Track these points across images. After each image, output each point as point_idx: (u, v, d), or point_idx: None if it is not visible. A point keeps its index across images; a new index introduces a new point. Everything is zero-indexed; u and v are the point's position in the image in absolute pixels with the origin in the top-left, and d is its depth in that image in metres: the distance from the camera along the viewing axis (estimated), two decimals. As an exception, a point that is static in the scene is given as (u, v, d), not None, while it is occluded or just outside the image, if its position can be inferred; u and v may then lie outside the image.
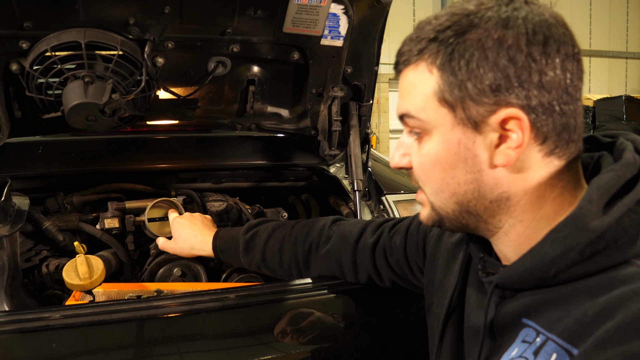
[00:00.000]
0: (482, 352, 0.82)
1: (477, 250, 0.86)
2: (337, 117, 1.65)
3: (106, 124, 1.35)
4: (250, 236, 1.37)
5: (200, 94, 1.60)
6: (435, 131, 0.75)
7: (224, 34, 1.40)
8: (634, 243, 0.68)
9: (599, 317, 0.64)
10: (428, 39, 0.74)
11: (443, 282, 0.97)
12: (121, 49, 1.31)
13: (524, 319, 0.75)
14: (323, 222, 1.34)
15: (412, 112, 0.76)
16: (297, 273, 1.34)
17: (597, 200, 0.69)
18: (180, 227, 1.46)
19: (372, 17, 1.48)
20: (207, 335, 1.17)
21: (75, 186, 1.71)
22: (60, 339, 1.08)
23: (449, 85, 0.73)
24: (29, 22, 1.25)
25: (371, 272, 1.22)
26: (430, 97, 0.74)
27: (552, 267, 0.70)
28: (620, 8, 11.53)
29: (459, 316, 0.92)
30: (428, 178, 0.78)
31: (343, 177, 1.79)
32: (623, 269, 0.67)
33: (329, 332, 1.25)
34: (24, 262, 1.56)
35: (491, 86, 0.70)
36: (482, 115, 0.72)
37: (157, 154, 1.81)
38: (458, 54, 0.72)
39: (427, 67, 0.74)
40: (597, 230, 0.68)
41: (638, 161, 0.73)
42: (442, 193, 0.78)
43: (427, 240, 1.09)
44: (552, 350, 0.68)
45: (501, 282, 0.78)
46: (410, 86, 0.77)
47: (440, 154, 0.76)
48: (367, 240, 1.22)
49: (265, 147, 1.88)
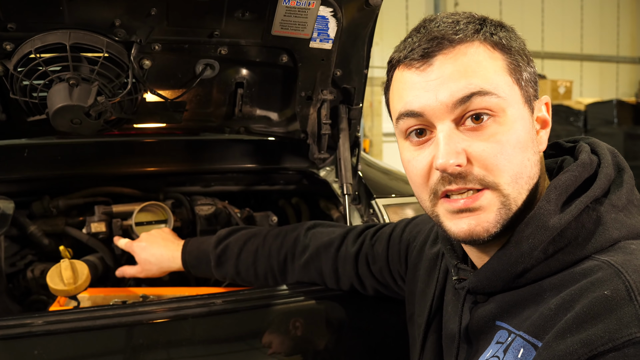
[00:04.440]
0: (458, 357, 0.83)
1: (450, 258, 0.87)
2: (327, 121, 1.64)
3: (92, 127, 1.33)
4: (221, 250, 1.34)
5: (188, 97, 1.58)
6: (510, 109, 0.73)
7: (212, 36, 1.39)
8: (594, 239, 0.71)
9: (560, 309, 0.67)
10: (478, 21, 0.76)
11: (425, 291, 0.98)
12: (107, 51, 1.29)
13: (498, 322, 0.77)
14: (297, 231, 1.32)
15: (489, 88, 0.72)
16: (274, 284, 1.32)
17: (555, 200, 0.72)
18: (142, 250, 1.41)
19: (362, 20, 1.47)
20: (193, 341, 1.16)
21: (62, 190, 1.69)
22: (42, 346, 1.06)
23: (515, 64, 0.75)
24: (12, 24, 1.23)
25: (354, 280, 1.20)
26: (504, 74, 0.74)
27: (518, 266, 0.72)
28: (611, 12, 11.60)
29: (438, 324, 0.93)
30: (510, 163, 0.72)
31: (333, 181, 1.78)
32: (584, 264, 0.70)
33: (318, 337, 1.24)
34: (9, 267, 1.54)
35: (531, 77, 0.77)
36: (534, 97, 0.77)
37: (145, 157, 1.79)
38: (511, 39, 0.76)
39: (491, 45, 0.74)
40: (557, 227, 0.70)
41: (594, 161, 0.77)
42: (520, 179, 0.73)
43: (409, 250, 1.09)
44: (520, 345, 0.70)
45: (472, 286, 0.79)
46: (476, 64, 0.72)
47: (519, 132, 0.73)
48: (349, 249, 1.20)
49: (254, 150, 1.86)
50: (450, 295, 0.90)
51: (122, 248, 1.48)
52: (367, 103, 8.75)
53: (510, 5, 10.31)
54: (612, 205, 0.73)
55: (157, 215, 1.63)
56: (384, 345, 1.25)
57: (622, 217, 0.73)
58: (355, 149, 1.71)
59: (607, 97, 9.73)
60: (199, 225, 1.69)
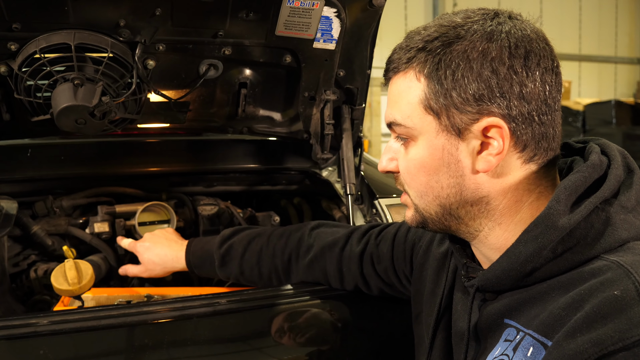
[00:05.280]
0: (467, 355, 0.84)
1: (460, 256, 0.88)
2: (330, 121, 1.64)
3: (96, 127, 1.33)
4: (225, 250, 1.33)
5: (192, 97, 1.58)
6: (420, 137, 0.80)
7: (216, 36, 1.39)
8: (603, 239, 0.72)
9: (569, 309, 0.68)
10: (417, 48, 0.78)
11: (434, 291, 0.98)
12: (111, 51, 1.29)
13: (506, 320, 0.78)
14: (301, 231, 1.32)
15: (399, 120, 0.81)
16: (278, 284, 1.32)
17: (565, 200, 0.73)
18: (145, 250, 1.41)
19: (365, 21, 1.47)
20: (198, 341, 1.16)
21: (65, 190, 1.69)
22: (47, 346, 1.06)
23: (435, 93, 0.76)
24: (17, 24, 1.23)
25: (358, 280, 1.21)
26: (416, 105, 0.79)
27: (527, 265, 0.74)
28: (609, 13, 11.62)
29: (447, 323, 0.94)
30: (413, 181, 0.82)
31: (335, 181, 1.78)
32: (593, 264, 0.71)
33: (322, 337, 1.24)
34: (12, 267, 1.54)
35: (475, 95, 0.74)
36: (465, 123, 0.76)
37: (148, 157, 1.79)
38: (445, 63, 0.75)
39: (415, 75, 0.78)
40: (566, 227, 0.71)
41: (604, 162, 0.77)
42: (426, 196, 0.82)
43: (414, 250, 1.09)
44: (529, 344, 0.71)
45: (481, 284, 0.80)
46: (397, 94, 0.81)
47: (425, 159, 0.80)
48: (354, 249, 1.20)
49: (257, 150, 1.87)
50: (459, 293, 0.91)
51: (126, 248, 1.48)
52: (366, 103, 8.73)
53: (508, 6, 10.26)
54: (621, 207, 0.74)
55: (160, 215, 1.63)
56: (389, 345, 1.25)
57: (631, 219, 0.74)
58: (358, 149, 1.72)
59: (606, 97, 9.76)
60: (202, 226, 1.69)
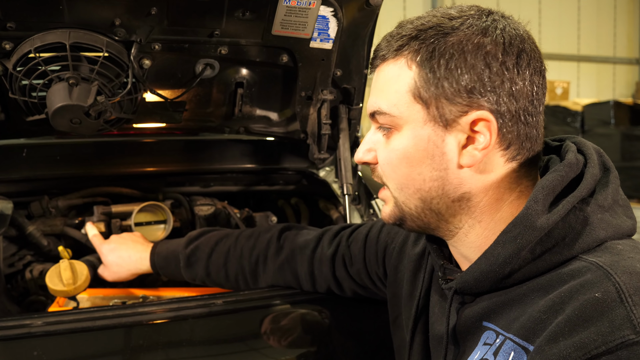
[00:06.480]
0: (446, 359, 0.82)
1: (437, 257, 0.87)
2: (327, 121, 1.64)
3: (91, 127, 1.32)
4: (191, 250, 1.31)
5: (188, 97, 1.58)
6: (405, 127, 0.78)
7: (212, 36, 1.39)
8: (581, 239, 0.71)
9: (550, 312, 0.67)
10: (410, 36, 0.77)
11: (412, 293, 0.97)
12: (107, 50, 1.28)
13: (485, 322, 0.77)
14: (270, 232, 1.30)
15: (384, 108, 0.79)
16: (245, 286, 1.30)
17: (542, 200, 0.72)
18: (110, 252, 1.38)
19: (362, 20, 1.47)
20: (193, 342, 1.16)
21: (61, 190, 1.68)
22: (42, 347, 1.06)
23: (427, 81, 0.75)
24: (12, 23, 1.22)
25: (331, 283, 1.19)
26: (404, 93, 0.77)
27: (506, 267, 0.73)
28: (608, 14, 11.64)
29: (425, 326, 0.93)
30: (394, 173, 0.80)
31: (333, 181, 1.78)
32: (571, 265, 0.70)
33: (317, 338, 1.24)
34: (7, 268, 1.53)
35: (466, 87, 0.74)
36: (454, 115, 0.75)
37: (144, 157, 1.78)
38: (439, 52, 0.74)
39: (407, 62, 0.77)
40: (544, 227, 0.70)
41: (581, 161, 0.77)
42: (406, 189, 0.80)
43: (387, 252, 1.07)
44: (510, 349, 0.70)
45: (459, 287, 0.79)
46: (384, 82, 0.79)
47: (408, 149, 0.78)
48: (325, 251, 1.19)
49: (254, 150, 1.86)
50: (436, 296, 0.90)
51: (90, 241, 1.44)
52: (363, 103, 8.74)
53: (508, 6, 10.32)
54: (598, 206, 0.73)
55: (157, 215, 1.63)
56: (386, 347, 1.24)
57: (608, 217, 0.73)
58: (355, 149, 1.71)
59: (604, 98, 9.76)
60: (199, 226, 1.68)
